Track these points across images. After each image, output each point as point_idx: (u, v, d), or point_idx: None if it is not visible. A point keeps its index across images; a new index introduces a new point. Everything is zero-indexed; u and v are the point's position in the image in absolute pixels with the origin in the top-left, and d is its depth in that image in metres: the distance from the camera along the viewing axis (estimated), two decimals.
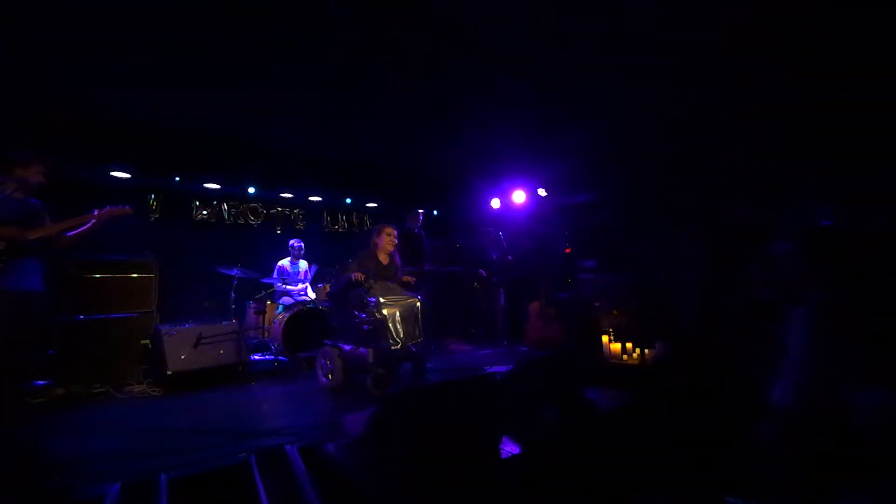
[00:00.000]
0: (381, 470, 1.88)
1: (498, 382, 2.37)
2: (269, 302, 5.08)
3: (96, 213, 2.63)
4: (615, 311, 4.86)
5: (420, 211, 5.60)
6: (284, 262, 5.40)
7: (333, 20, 2.89)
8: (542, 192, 6.31)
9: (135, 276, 4.18)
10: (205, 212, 5.84)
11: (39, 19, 2.82)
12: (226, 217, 6.01)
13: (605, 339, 4.08)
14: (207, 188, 5.61)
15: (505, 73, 3.63)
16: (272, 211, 6.45)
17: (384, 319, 3.32)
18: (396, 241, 3.95)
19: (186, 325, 3.95)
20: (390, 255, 3.95)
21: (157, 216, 5.50)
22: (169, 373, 3.63)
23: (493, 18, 2.95)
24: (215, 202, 5.93)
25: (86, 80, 3.64)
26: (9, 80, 3.59)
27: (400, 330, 3.36)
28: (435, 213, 7.55)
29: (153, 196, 5.47)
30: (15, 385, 2.38)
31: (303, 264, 5.51)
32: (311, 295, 5.26)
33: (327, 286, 5.19)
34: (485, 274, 5.66)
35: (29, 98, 3.91)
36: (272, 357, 4.66)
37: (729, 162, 4.60)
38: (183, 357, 3.75)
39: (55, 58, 3.27)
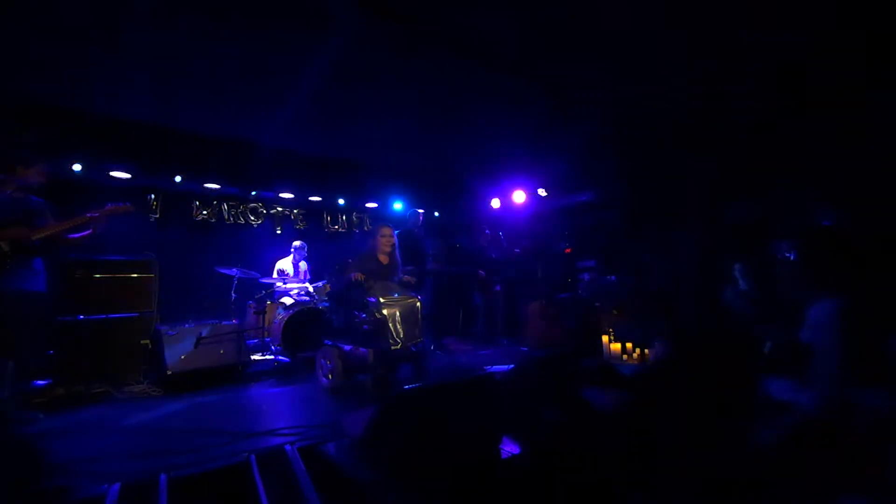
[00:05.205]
0: (381, 470, 1.87)
1: (498, 382, 2.37)
2: (269, 302, 5.08)
3: (91, 214, 2.62)
4: (615, 311, 4.86)
5: (420, 211, 5.60)
6: (285, 262, 5.40)
7: (335, 20, 2.88)
8: (542, 192, 6.31)
9: (135, 276, 4.18)
10: (205, 212, 5.85)
11: (40, 19, 2.82)
12: (226, 217, 6.01)
13: (605, 339, 4.07)
14: (207, 188, 5.61)
15: (505, 74, 3.63)
16: (272, 211, 6.45)
17: (384, 319, 3.32)
18: (394, 241, 3.95)
19: (186, 325, 3.95)
20: (390, 256, 3.94)
21: (157, 216, 5.51)
22: (169, 373, 3.63)
23: (493, 19, 2.95)
24: (215, 202, 5.93)
25: (86, 80, 3.64)
26: (9, 80, 3.59)
27: (400, 330, 3.35)
28: (436, 214, 7.55)
29: (153, 196, 5.48)
30: (16, 385, 2.38)
31: (303, 265, 5.52)
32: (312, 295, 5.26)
33: (327, 286, 5.19)
34: (484, 274, 5.66)
35: (30, 98, 3.91)
36: (272, 357, 4.66)
37: (729, 161, 4.60)
38: (183, 357, 3.75)
39: (55, 57, 3.27)
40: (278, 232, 6.47)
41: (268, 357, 4.68)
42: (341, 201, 6.68)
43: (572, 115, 4.33)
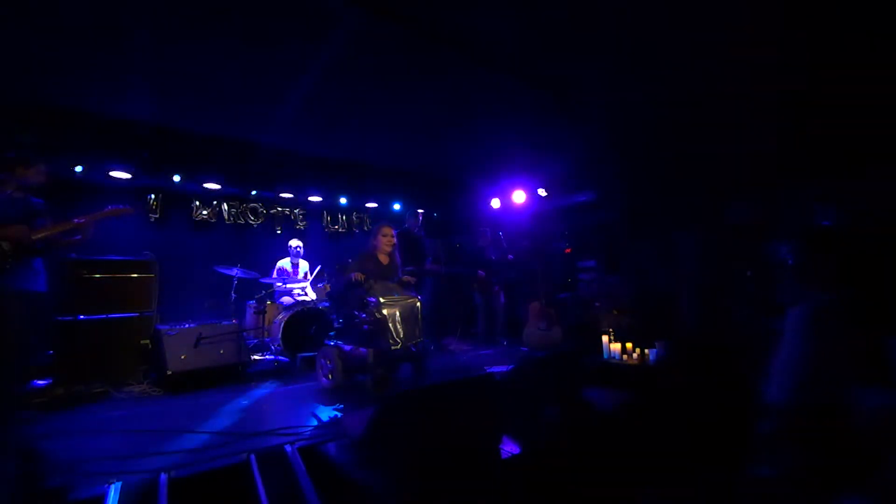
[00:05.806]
0: (381, 470, 1.88)
1: (498, 382, 2.37)
2: (269, 302, 5.08)
3: (81, 220, 2.60)
4: (615, 311, 4.86)
5: (420, 211, 5.60)
6: (284, 262, 5.40)
7: (334, 20, 2.88)
8: (542, 192, 6.31)
9: (135, 276, 4.18)
10: (205, 212, 5.85)
11: (41, 18, 2.82)
12: (226, 217, 6.01)
13: (605, 339, 4.07)
14: (207, 188, 5.60)
15: (505, 74, 3.63)
16: (272, 211, 6.45)
17: (384, 319, 3.32)
18: (395, 241, 3.95)
19: (186, 325, 3.95)
20: (390, 256, 3.95)
21: (157, 216, 5.51)
22: (169, 373, 3.63)
23: (493, 19, 2.95)
24: (215, 202, 5.93)
25: (86, 80, 3.64)
26: (9, 80, 3.59)
27: (400, 330, 3.35)
28: (435, 214, 7.55)
29: (153, 196, 5.48)
30: (17, 386, 2.38)
31: (303, 264, 5.52)
32: (312, 295, 5.26)
33: (327, 286, 5.19)
34: (483, 275, 5.66)
35: (30, 98, 3.91)
36: (272, 357, 4.66)
37: (729, 162, 4.60)
38: (183, 357, 3.75)
39: (55, 57, 3.27)
40: (278, 232, 6.47)
41: (268, 357, 4.68)
42: (342, 201, 6.67)
43: (573, 114, 4.33)
